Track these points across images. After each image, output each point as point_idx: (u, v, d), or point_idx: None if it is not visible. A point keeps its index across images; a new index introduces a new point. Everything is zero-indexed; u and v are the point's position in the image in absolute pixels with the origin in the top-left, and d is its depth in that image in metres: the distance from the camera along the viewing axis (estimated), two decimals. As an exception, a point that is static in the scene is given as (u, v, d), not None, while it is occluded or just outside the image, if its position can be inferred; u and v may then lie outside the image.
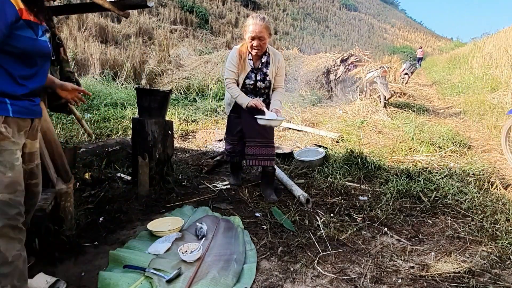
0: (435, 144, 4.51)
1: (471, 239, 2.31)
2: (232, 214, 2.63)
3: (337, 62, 9.32)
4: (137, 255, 1.97)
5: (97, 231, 2.30)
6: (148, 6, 3.25)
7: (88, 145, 3.75)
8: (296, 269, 1.93)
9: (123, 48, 11.00)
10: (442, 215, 2.69)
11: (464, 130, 5.87)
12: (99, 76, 8.58)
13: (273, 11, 29.04)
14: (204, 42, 15.53)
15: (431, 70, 18.36)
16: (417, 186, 3.13)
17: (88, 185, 3.00)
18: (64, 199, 2.14)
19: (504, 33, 14.17)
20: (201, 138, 5.09)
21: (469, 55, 14.58)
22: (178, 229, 2.28)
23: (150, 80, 9.44)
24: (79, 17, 10.88)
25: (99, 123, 5.25)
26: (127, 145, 3.85)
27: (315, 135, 5.21)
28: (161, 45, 11.28)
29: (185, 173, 3.48)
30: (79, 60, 8.97)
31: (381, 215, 2.63)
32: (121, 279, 1.72)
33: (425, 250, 2.19)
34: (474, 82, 9.94)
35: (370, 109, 6.99)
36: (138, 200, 2.79)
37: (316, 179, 3.40)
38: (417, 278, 1.88)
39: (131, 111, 5.87)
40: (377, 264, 2.01)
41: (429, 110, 7.71)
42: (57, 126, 4.83)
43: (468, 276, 1.88)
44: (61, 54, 3.22)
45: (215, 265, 1.88)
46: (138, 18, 13.74)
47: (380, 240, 2.31)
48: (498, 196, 2.97)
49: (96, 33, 11.08)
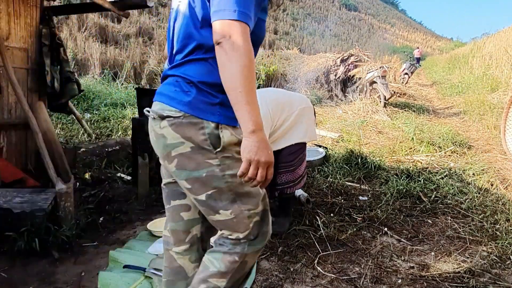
0: (435, 144, 4.51)
1: (471, 239, 2.31)
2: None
3: (337, 62, 9.32)
4: (137, 255, 1.97)
5: (97, 231, 2.30)
6: (148, 6, 3.25)
7: (88, 145, 3.75)
8: (296, 269, 1.93)
9: (123, 48, 10.99)
10: (442, 215, 2.69)
11: (464, 130, 5.86)
12: (99, 76, 8.57)
13: (273, 11, 29.00)
14: (204, 42, 15.50)
15: (431, 70, 18.35)
16: (417, 186, 3.13)
17: (88, 185, 3.00)
18: (64, 199, 2.14)
19: (504, 33, 14.15)
20: (201, 138, 5.09)
21: (469, 55, 14.57)
22: (178, 229, 2.28)
23: (150, 80, 9.44)
24: (79, 17, 10.87)
25: (99, 123, 5.25)
26: (127, 145, 3.85)
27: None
28: (161, 45, 11.28)
29: (185, 173, 3.48)
30: (79, 60, 8.97)
31: (381, 215, 2.63)
32: (121, 279, 1.72)
33: (425, 250, 2.19)
34: (474, 82, 9.93)
35: (370, 109, 6.99)
36: (138, 200, 2.79)
37: (316, 179, 3.40)
38: (417, 278, 1.87)
39: (131, 111, 5.87)
40: (377, 264, 2.01)
41: (429, 110, 7.71)
42: (57, 126, 4.83)
43: (468, 276, 1.88)
44: (61, 54, 3.23)
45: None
46: (138, 18, 13.73)
47: (380, 240, 2.31)
48: (498, 196, 2.97)
49: (96, 33, 11.07)
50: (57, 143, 2.75)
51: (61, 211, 2.13)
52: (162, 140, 1.04)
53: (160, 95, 1.06)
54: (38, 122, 2.63)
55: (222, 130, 1.01)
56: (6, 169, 2.59)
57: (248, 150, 0.91)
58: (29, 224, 1.96)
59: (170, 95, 1.03)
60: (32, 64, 3.06)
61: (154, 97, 1.09)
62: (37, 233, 1.96)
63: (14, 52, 2.89)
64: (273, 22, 25.11)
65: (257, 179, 0.93)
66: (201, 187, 1.04)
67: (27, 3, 3.00)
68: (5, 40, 2.79)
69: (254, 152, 0.91)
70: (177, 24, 1.09)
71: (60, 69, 3.21)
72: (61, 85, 3.18)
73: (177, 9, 1.10)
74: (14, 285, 1.72)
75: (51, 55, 3.12)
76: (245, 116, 0.90)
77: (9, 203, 2.06)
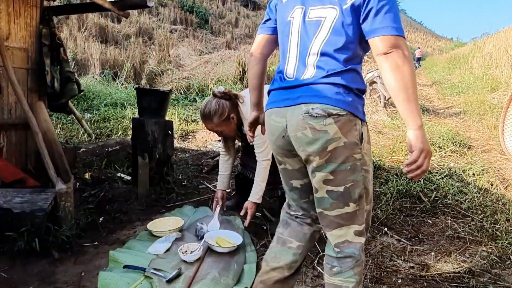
0: (435, 144, 4.51)
1: (471, 239, 2.31)
2: (232, 214, 2.63)
3: (337, 62, 9.31)
4: (137, 255, 1.97)
5: (97, 231, 2.30)
6: (148, 6, 3.25)
7: (88, 145, 3.75)
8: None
9: (123, 48, 10.99)
10: (442, 215, 2.69)
11: (464, 130, 5.86)
12: (99, 76, 8.58)
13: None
14: (204, 42, 15.52)
15: (431, 70, 18.33)
16: (417, 186, 3.13)
17: (88, 185, 3.00)
18: (64, 199, 2.14)
19: (504, 33, 14.15)
20: (201, 138, 5.09)
21: (469, 55, 14.56)
22: (178, 229, 2.28)
23: (150, 80, 9.45)
24: (79, 17, 10.87)
25: (99, 123, 5.25)
26: (127, 145, 3.85)
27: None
28: (161, 45, 11.29)
29: (185, 173, 3.48)
30: (79, 60, 8.97)
31: (381, 215, 2.63)
32: (121, 279, 1.72)
33: (425, 250, 2.19)
34: (474, 82, 9.92)
35: (370, 109, 6.99)
36: (138, 200, 2.79)
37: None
38: (417, 278, 1.88)
39: (131, 111, 5.88)
40: (377, 264, 2.01)
41: (429, 110, 7.70)
42: (57, 126, 4.83)
43: (468, 276, 1.88)
44: (61, 54, 3.23)
45: (216, 265, 1.88)
46: (138, 18, 13.73)
47: (380, 240, 2.31)
48: (498, 196, 2.97)
49: (96, 33, 11.07)
50: (57, 143, 2.74)
51: (61, 211, 2.13)
52: (323, 135, 1.16)
53: (320, 97, 1.17)
54: (38, 122, 2.63)
55: (363, 127, 1.22)
56: (6, 169, 2.59)
57: (421, 141, 1.05)
58: (29, 224, 1.96)
59: (334, 97, 1.16)
60: (32, 64, 3.06)
61: (306, 99, 1.19)
62: (37, 233, 1.96)
63: (14, 52, 2.90)
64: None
65: (423, 167, 1.06)
66: (343, 179, 1.19)
67: (27, 3, 3.00)
68: (5, 40, 2.79)
69: (425, 142, 1.06)
70: (315, 33, 1.20)
71: (60, 69, 3.21)
72: (61, 85, 3.18)
73: (315, 21, 1.21)
74: (14, 285, 1.72)
75: (51, 55, 3.12)
76: (414, 111, 1.08)
77: (9, 203, 2.06)
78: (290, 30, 1.26)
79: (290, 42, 1.26)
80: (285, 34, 1.28)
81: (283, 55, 1.30)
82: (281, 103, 1.25)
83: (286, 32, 1.28)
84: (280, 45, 1.36)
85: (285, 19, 1.28)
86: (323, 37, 1.18)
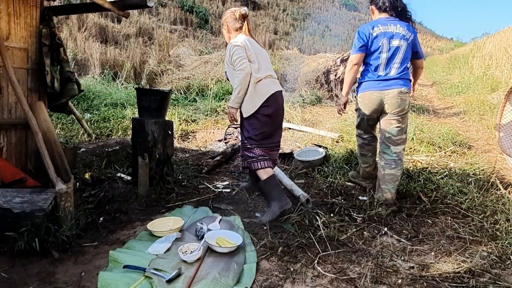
0: (435, 144, 4.51)
1: (471, 239, 2.31)
2: (232, 214, 2.63)
3: (337, 62, 9.30)
4: (137, 255, 1.97)
5: (97, 231, 2.30)
6: (148, 6, 3.25)
7: (88, 145, 3.75)
8: (296, 269, 1.93)
9: (123, 48, 10.98)
10: (442, 215, 2.69)
11: (464, 130, 5.86)
12: (99, 76, 8.57)
13: (273, 11, 28.99)
14: (204, 42, 15.51)
15: (431, 70, 18.33)
16: (417, 186, 3.13)
17: (88, 185, 3.00)
18: (64, 199, 2.14)
19: (504, 33, 14.14)
20: (201, 138, 5.10)
21: (469, 55, 14.56)
22: (178, 229, 2.28)
23: (150, 80, 9.44)
24: (79, 17, 10.87)
25: (99, 123, 5.25)
26: (127, 145, 3.85)
27: (315, 135, 5.20)
28: (161, 45, 11.29)
29: (185, 173, 3.48)
30: (79, 60, 8.96)
31: (381, 215, 2.63)
32: (121, 279, 1.72)
33: (425, 250, 2.19)
34: (474, 82, 9.92)
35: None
36: (138, 200, 2.80)
37: (316, 179, 3.40)
38: (417, 278, 1.88)
39: (131, 111, 5.87)
40: (377, 264, 2.01)
41: (429, 110, 7.69)
42: (57, 126, 4.83)
43: (468, 276, 1.88)
44: (61, 54, 3.23)
45: (216, 265, 1.88)
46: (138, 18, 13.72)
47: (380, 240, 2.31)
48: (498, 196, 2.97)
49: (96, 33, 11.07)
50: (57, 143, 2.74)
51: (61, 211, 2.13)
52: (405, 101, 2.72)
53: (402, 84, 2.72)
54: (38, 122, 2.63)
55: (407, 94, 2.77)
56: (6, 169, 2.59)
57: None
58: (29, 224, 1.97)
59: (406, 84, 2.73)
60: (32, 64, 3.06)
61: (396, 84, 2.72)
62: (37, 233, 1.96)
63: (14, 52, 2.90)
64: (273, 22, 25.09)
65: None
66: (404, 119, 2.79)
67: (27, 3, 3.00)
68: (5, 40, 2.79)
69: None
70: (396, 53, 2.73)
71: (60, 69, 3.21)
72: (61, 85, 3.18)
73: (396, 47, 2.71)
74: (14, 285, 1.72)
75: (51, 55, 3.12)
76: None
77: (9, 203, 2.06)
78: (381, 49, 2.73)
79: (381, 56, 2.73)
80: (377, 52, 2.73)
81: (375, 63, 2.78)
82: (377, 88, 2.75)
83: (378, 50, 2.74)
84: (373, 58, 2.77)
85: (378, 44, 2.71)
86: (400, 54, 2.72)
